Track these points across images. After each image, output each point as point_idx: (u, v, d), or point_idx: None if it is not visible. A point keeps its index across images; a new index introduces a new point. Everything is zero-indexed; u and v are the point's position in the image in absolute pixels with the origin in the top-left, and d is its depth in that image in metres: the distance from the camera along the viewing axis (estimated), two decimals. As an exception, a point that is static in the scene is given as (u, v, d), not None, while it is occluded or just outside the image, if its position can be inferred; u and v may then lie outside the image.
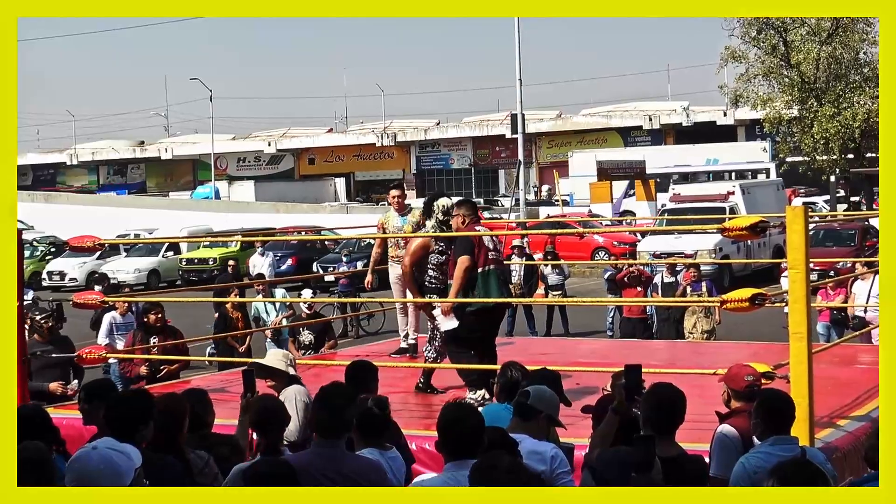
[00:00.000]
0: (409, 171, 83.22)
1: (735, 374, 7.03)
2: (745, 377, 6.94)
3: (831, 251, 26.90)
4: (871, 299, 14.91)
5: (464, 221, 9.71)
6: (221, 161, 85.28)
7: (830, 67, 42.61)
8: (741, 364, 7.26)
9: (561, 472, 5.80)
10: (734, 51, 43.80)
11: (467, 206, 9.90)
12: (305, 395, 7.64)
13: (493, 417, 5.66)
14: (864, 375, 10.34)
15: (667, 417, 6.00)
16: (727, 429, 6.55)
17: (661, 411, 6.00)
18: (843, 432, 8.10)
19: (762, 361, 7.71)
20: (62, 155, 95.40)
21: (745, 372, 7.03)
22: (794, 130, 44.54)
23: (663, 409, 6.02)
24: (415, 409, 9.44)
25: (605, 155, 53.85)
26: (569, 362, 10.84)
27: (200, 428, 6.50)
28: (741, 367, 7.16)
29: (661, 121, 72.16)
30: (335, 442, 5.68)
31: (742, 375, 6.97)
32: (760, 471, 5.75)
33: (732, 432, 6.49)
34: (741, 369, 7.12)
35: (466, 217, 9.72)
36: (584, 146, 69.86)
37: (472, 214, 9.81)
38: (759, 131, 54.16)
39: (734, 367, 7.15)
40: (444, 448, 5.41)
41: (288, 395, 7.62)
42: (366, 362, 7.74)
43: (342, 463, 5.59)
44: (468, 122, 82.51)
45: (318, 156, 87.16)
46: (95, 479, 4.48)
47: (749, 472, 5.80)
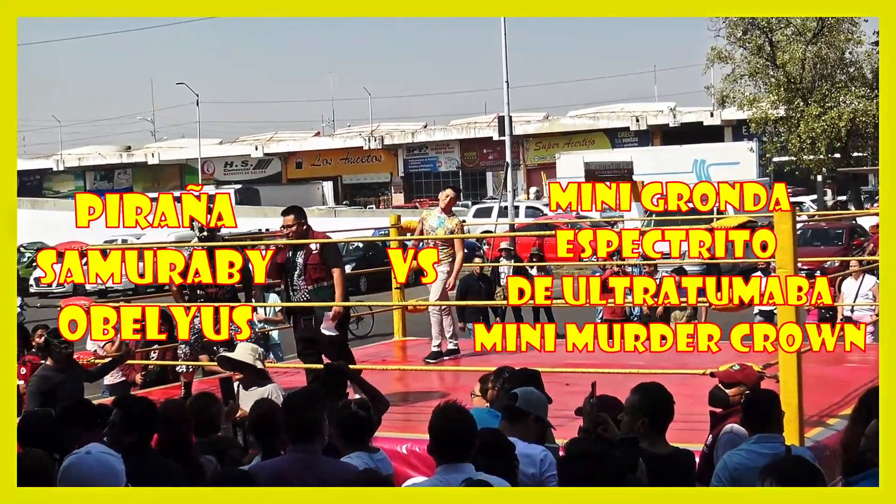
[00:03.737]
0: (397, 175, 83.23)
1: (726, 373, 7.04)
2: (732, 369, 6.97)
3: (819, 250, 26.97)
4: (860, 298, 14.95)
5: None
6: (208, 165, 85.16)
7: (816, 67, 42.77)
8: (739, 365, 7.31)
9: (550, 474, 5.80)
10: (720, 51, 43.94)
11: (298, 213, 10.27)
12: (283, 392, 7.73)
13: (480, 423, 5.64)
14: (852, 374, 10.37)
15: (657, 416, 6.00)
16: (737, 427, 6.55)
17: (651, 410, 5.99)
18: (833, 431, 8.11)
19: (750, 361, 7.73)
20: (48, 161, 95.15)
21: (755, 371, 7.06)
22: (780, 130, 44.68)
23: (654, 408, 6.02)
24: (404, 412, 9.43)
25: (592, 156, 53.90)
26: (557, 363, 10.84)
27: (212, 432, 6.49)
28: (737, 371, 7.21)
29: (648, 122, 72.25)
30: (309, 447, 5.66)
31: (756, 373, 6.99)
32: (741, 468, 5.77)
33: (742, 431, 6.47)
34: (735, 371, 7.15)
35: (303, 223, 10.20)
36: (571, 148, 69.86)
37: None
38: (746, 131, 54.24)
39: (747, 368, 7.20)
40: (436, 451, 5.39)
41: (269, 392, 7.69)
42: (339, 366, 7.80)
43: (318, 468, 5.57)
44: (455, 125, 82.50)
45: (305, 160, 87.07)
46: (96, 482, 4.47)
47: (730, 469, 5.84)
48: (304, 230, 10.19)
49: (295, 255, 10.19)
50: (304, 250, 10.11)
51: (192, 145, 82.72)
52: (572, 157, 57.90)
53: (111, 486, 4.48)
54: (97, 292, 31.09)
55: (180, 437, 5.90)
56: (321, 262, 10.07)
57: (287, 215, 10.29)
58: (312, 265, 10.06)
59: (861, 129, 42.83)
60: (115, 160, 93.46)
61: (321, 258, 10.07)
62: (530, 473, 5.68)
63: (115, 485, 4.50)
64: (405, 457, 7.71)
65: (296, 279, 10.15)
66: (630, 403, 6.01)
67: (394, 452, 7.32)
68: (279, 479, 5.28)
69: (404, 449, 7.86)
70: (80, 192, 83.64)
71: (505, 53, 43.47)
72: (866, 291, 15.04)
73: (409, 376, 11.26)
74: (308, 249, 10.10)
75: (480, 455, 5.33)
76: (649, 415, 5.94)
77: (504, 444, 5.50)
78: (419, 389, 10.52)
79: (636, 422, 5.91)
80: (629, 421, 5.95)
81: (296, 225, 10.13)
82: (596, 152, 61.87)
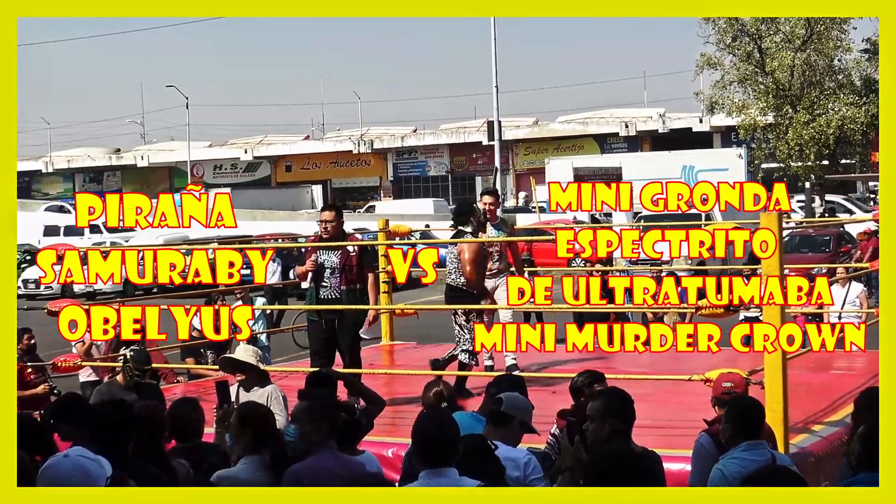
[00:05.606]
0: (386, 178, 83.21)
1: (716, 382, 7.06)
2: (723, 384, 6.97)
3: (806, 257, 27.01)
4: (847, 305, 14.97)
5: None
6: (198, 168, 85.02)
7: (805, 74, 42.90)
8: (727, 371, 7.30)
9: (534, 477, 5.82)
10: (710, 58, 44.04)
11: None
12: (281, 392, 7.81)
13: (463, 427, 5.64)
14: (838, 380, 10.39)
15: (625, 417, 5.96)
16: (703, 437, 6.57)
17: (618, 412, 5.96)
18: (818, 438, 8.13)
19: (736, 367, 7.75)
20: (38, 163, 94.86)
21: (723, 379, 7.05)
22: (769, 137, 44.80)
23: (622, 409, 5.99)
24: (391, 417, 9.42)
25: (581, 162, 53.80)
26: (545, 368, 10.87)
27: (193, 437, 6.49)
28: (724, 375, 7.20)
29: (637, 127, 72.32)
30: (259, 458, 5.78)
31: (720, 382, 6.99)
32: (739, 476, 5.77)
33: (708, 440, 6.50)
34: (722, 377, 7.15)
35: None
36: (560, 153, 69.84)
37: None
38: (735, 138, 54.35)
39: (720, 375, 7.19)
40: (420, 456, 5.40)
41: (268, 393, 7.72)
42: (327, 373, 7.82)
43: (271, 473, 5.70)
44: (445, 129, 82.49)
45: (294, 163, 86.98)
46: (67, 485, 4.47)
47: (728, 479, 5.80)
48: (341, 229, 10.28)
49: (326, 253, 10.16)
50: (342, 251, 10.10)
51: (181, 148, 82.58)
52: (562, 162, 57.77)
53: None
54: (85, 294, 31.00)
55: (152, 440, 5.89)
56: (358, 263, 10.09)
57: (328, 211, 10.32)
58: (349, 266, 10.06)
59: (849, 137, 42.97)
60: (105, 162, 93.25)
61: (358, 260, 10.09)
62: (514, 477, 5.70)
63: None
64: (391, 461, 7.71)
65: (327, 277, 10.10)
66: (595, 409, 5.96)
67: (380, 456, 7.32)
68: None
69: (390, 453, 7.87)
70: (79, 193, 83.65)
71: (495, 58, 43.53)
72: (853, 298, 15.07)
73: (396, 381, 11.25)
74: (345, 251, 10.11)
75: (464, 459, 5.33)
76: (617, 416, 5.92)
77: (488, 449, 5.51)
78: (406, 394, 10.51)
79: (604, 425, 5.86)
80: (597, 426, 5.89)
81: (335, 222, 10.15)
82: (585, 157, 61.73)
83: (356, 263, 10.06)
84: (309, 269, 10.12)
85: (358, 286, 10.07)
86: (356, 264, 10.07)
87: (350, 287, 10.05)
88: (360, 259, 10.09)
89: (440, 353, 13.20)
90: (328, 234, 10.15)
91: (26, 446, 5.18)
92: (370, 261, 10.27)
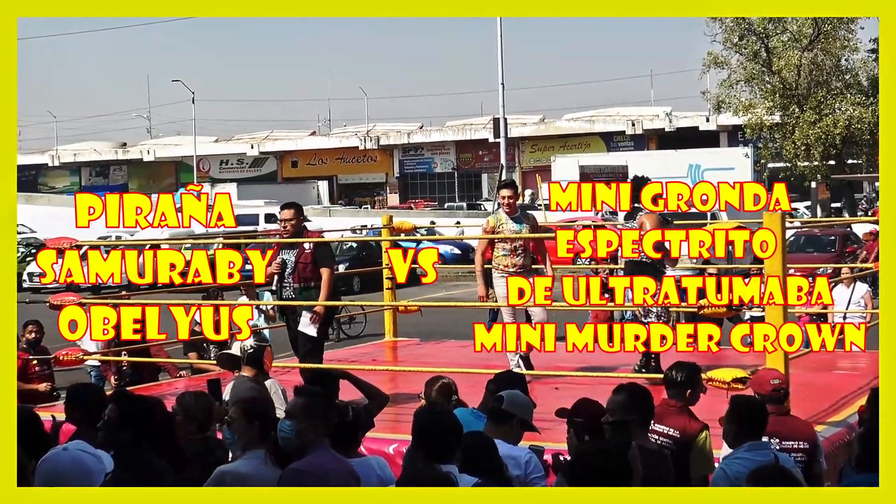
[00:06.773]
0: (392, 175, 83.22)
1: (761, 379, 7.04)
2: (771, 381, 6.95)
3: (811, 257, 26.97)
4: (852, 305, 14.93)
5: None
6: (204, 163, 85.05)
7: (812, 74, 42.82)
8: (767, 369, 7.30)
9: (535, 476, 5.81)
10: (717, 57, 43.97)
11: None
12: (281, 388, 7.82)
13: (464, 424, 5.64)
14: (841, 381, 10.36)
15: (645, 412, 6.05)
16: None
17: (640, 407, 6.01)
18: (821, 438, 8.11)
19: (738, 367, 7.74)
20: (44, 156, 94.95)
21: (770, 376, 7.05)
22: (775, 136, 44.73)
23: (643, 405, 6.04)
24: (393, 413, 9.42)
25: (587, 160, 53.77)
26: (549, 367, 10.85)
27: (204, 431, 6.48)
28: (767, 372, 7.20)
29: (643, 126, 72.27)
30: (257, 452, 5.76)
31: (768, 380, 6.98)
32: (742, 476, 5.76)
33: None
34: (766, 373, 7.14)
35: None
36: (566, 151, 69.75)
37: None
38: (742, 137, 54.32)
39: (760, 372, 7.19)
40: (422, 451, 5.39)
41: (268, 387, 7.74)
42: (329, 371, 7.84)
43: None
44: (451, 126, 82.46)
45: (300, 159, 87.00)
46: (64, 480, 4.46)
47: (731, 479, 5.82)
48: (301, 227, 10.22)
49: (287, 252, 10.20)
50: (298, 248, 10.11)
51: (187, 143, 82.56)
52: (568, 159, 57.70)
53: (82, 485, 4.46)
54: (90, 288, 30.99)
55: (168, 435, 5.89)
56: (312, 261, 10.07)
57: (287, 210, 10.30)
58: (303, 264, 10.05)
59: (856, 137, 42.89)
60: (111, 156, 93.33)
61: (313, 257, 10.07)
62: (515, 475, 5.68)
63: (86, 483, 4.47)
64: (392, 458, 7.70)
65: (286, 276, 10.14)
66: (616, 403, 5.99)
67: (382, 453, 7.32)
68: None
69: (391, 450, 7.86)
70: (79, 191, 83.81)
71: (501, 55, 43.53)
72: (858, 299, 15.03)
73: (398, 377, 11.24)
74: (301, 248, 10.10)
75: (464, 456, 5.33)
76: (638, 412, 5.96)
77: (486, 446, 5.50)
78: (409, 391, 10.50)
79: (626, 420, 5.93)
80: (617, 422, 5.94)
81: (295, 220, 10.15)
82: (591, 156, 61.67)
83: (311, 261, 10.04)
84: (274, 272, 10.16)
85: (313, 283, 10.04)
86: (311, 262, 10.04)
87: (304, 285, 10.04)
88: (315, 256, 10.06)
89: (443, 350, 13.25)
90: (287, 233, 10.18)
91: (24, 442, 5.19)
92: (324, 257, 10.17)
